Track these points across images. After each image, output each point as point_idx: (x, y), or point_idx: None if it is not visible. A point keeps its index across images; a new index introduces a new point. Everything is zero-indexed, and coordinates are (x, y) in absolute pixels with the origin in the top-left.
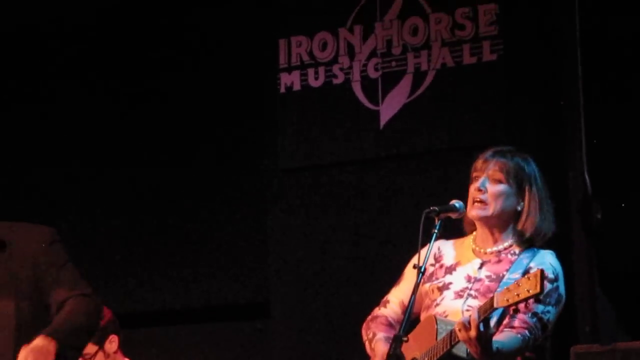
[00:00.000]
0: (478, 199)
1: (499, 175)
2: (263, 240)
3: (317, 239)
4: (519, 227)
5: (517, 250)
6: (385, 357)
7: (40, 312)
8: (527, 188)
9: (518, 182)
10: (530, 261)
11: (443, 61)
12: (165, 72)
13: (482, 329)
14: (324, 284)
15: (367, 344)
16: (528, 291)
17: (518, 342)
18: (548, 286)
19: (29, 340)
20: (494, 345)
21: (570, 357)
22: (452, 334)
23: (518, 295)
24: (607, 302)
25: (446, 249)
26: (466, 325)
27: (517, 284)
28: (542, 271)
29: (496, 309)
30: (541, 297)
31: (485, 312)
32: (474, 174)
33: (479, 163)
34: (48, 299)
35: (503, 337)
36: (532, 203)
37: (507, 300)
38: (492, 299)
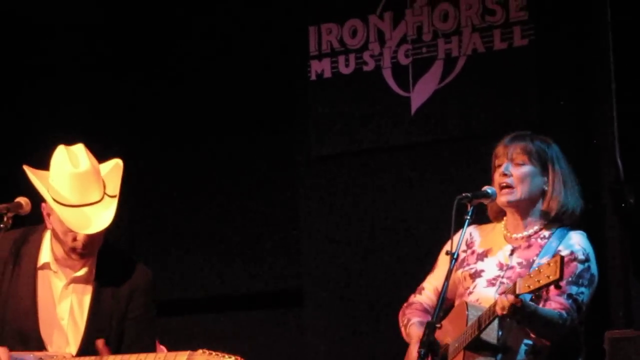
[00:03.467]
0: (505, 184)
1: (522, 158)
2: (295, 228)
3: (348, 226)
4: (544, 206)
5: (546, 234)
6: (419, 340)
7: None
8: (550, 167)
9: (542, 162)
10: (559, 244)
11: (474, 47)
12: (197, 60)
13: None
14: (356, 271)
15: (402, 329)
16: (548, 277)
17: (555, 314)
18: (579, 267)
19: None
20: (532, 306)
21: (604, 341)
22: (480, 319)
23: (539, 281)
24: None
25: (477, 234)
26: (505, 300)
27: (538, 270)
28: (561, 257)
29: (519, 295)
30: (572, 279)
31: None
32: (496, 161)
33: (499, 149)
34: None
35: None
36: (556, 181)
37: (529, 287)
38: (514, 285)
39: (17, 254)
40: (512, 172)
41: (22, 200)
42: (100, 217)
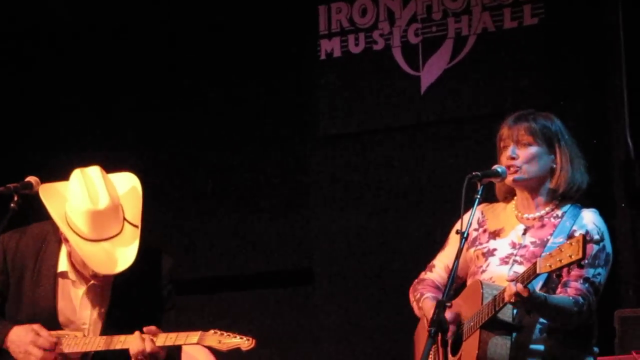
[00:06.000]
0: (512, 165)
1: (528, 138)
2: (305, 207)
3: (358, 205)
4: (553, 184)
5: (559, 213)
6: (430, 321)
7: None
8: (557, 145)
9: (547, 140)
10: (573, 223)
11: (484, 26)
12: (207, 39)
13: (531, 289)
14: (366, 249)
15: (414, 304)
16: (570, 257)
17: (569, 302)
18: (595, 248)
19: None
20: (542, 295)
21: (614, 320)
22: (497, 298)
23: (560, 260)
24: None
25: (489, 213)
26: (513, 288)
27: (560, 249)
28: (584, 236)
29: (539, 274)
30: (588, 260)
31: (528, 278)
32: (502, 144)
33: (504, 131)
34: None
35: (554, 295)
36: (563, 158)
37: (550, 266)
38: (534, 264)
39: (37, 255)
40: (519, 153)
41: (32, 179)
42: (122, 253)
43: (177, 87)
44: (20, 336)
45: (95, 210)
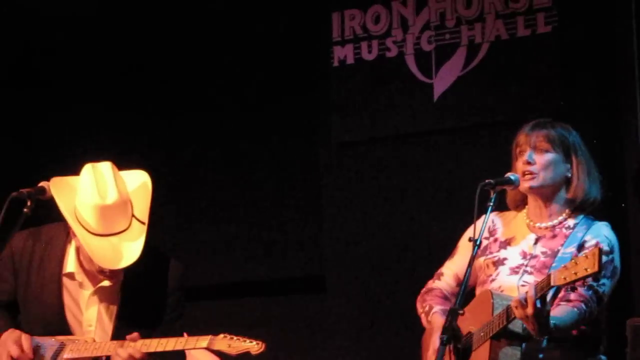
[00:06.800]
0: (528, 171)
1: (545, 145)
2: (317, 214)
3: (371, 212)
4: (570, 194)
5: (571, 223)
6: (442, 329)
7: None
8: (573, 154)
9: (564, 149)
10: (585, 234)
11: (497, 33)
12: (220, 45)
13: (539, 305)
14: (378, 257)
15: (423, 316)
16: (586, 270)
17: (575, 315)
18: (603, 259)
19: None
20: (551, 322)
21: (626, 329)
22: (508, 310)
23: (576, 273)
24: None
25: (500, 222)
26: (523, 303)
27: (575, 262)
28: (600, 249)
29: (553, 286)
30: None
31: (542, 290)
32: (518, 150)
33: (521, 137)
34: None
35: (560, 312)
36: (580, 169)
37: (565, 279)
38: (549, 276)
39: (42, 256)
40: (536, 159)
41: (45, 184)
42: (128, 248)
43: (190, 93)
44: (7, 342)
45: (103, 204)
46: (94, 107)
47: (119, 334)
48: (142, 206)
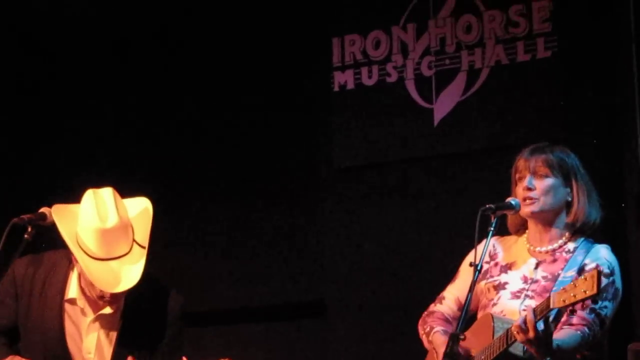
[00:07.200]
0: (529, 197)
1: (544, 170)
2: (318, 239)
3: (371, 237)
4: (570, 218)
5: (571, 247)
6: (443, 347)
7: None
8: (573, 178)
9: (563, 173)
10: (585, 257)
11: (497, 58)
12: (222, 70)
13: (540, 328)
14: (379, 281)
15: (424, 337)
16: (585, 292)
17: (577, 339)
18: (604, 281)
19: None
20: (554, 343)
21: (627, 354)
22: (508, 333)
23: (575, 296)
24: None
25: (500, 247)
26: (523, 327)
27: (574, 284)
28: (598, 272)
29: (552, 309)
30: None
31: (541, 313)
32: (517, 175)
33: (520, 163)
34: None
35: (562, 335)
36: (580, 192)
37: (564, 301)
38: (548, 299)
39: (44, 282)
40: (536, 185)
41: (46, 210)
42: (128, 272)
43: (189, 119)
44: None
45: (103, 228)
46: (93, 134)
47: None
48: (142, 231)
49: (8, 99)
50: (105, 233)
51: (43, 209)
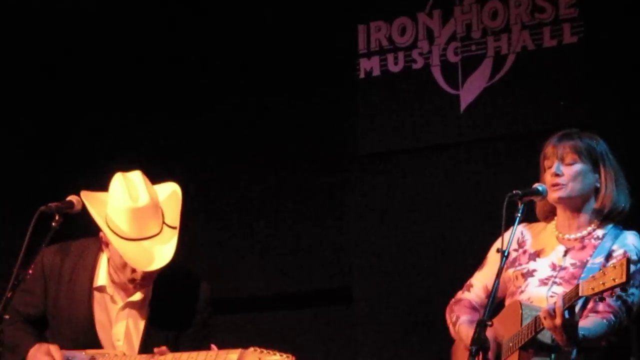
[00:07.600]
0: (556, 183)
1: (573, 156)
2: (344, 226)
3: (397, 223)
4: (598, 204)
5: (600, 234)
6: (470, 340)
7: None
8: (601, 164)
9: (592, 159)
10: (612, 244)
11: (523, 44)
12: (246, 59)
13: (567, 316)
14: (405, 268)
15: (451, 327)
16: (614, 280)
17: (604, 327)
18: (632, 268)
19: None
20: (580, 332)
21: None
22: (537, 320)
23: (604, 284)
24: None
25: (529, 234)
26: (551, 313)
27: (603, 272)
28: (628, 260)
29: (581, 297)
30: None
31: (570, 301)
32: (545, 162)
33: (548, 149)
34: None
35: (588, 323)
36: (608, 178)
37: (593, 289)
38: (577, 287)
39: (73, 270)
40: (564, 171)
41: (74, 198)
42: (160, 251)
43: (216, 104)
44: (37, 356)
45: (135, 207)
46: (120, 122)
47: (146, 350)
48: (172, 213)
49: (32, 91)
50: (137, 212)
51: (71, 197)
